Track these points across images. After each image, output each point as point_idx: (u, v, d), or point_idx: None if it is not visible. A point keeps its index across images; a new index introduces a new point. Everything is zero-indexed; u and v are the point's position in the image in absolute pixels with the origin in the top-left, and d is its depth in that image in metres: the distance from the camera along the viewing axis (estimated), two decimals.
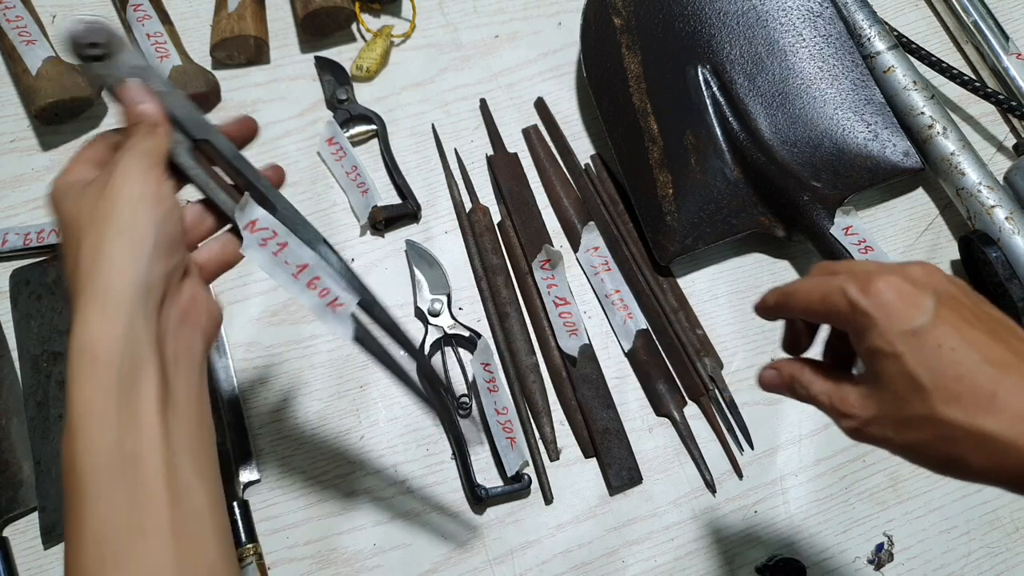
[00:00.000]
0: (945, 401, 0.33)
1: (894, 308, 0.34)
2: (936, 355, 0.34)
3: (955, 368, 0.33)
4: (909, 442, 0.35)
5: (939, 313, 0.34)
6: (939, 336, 0.34)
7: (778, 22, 0.71)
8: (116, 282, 0.35)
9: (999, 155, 0.72)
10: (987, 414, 0.32)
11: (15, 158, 0.68)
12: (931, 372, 0.34)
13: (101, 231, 0.36)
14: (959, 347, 0.33)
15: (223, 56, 0.71)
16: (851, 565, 0.57)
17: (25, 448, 0.58)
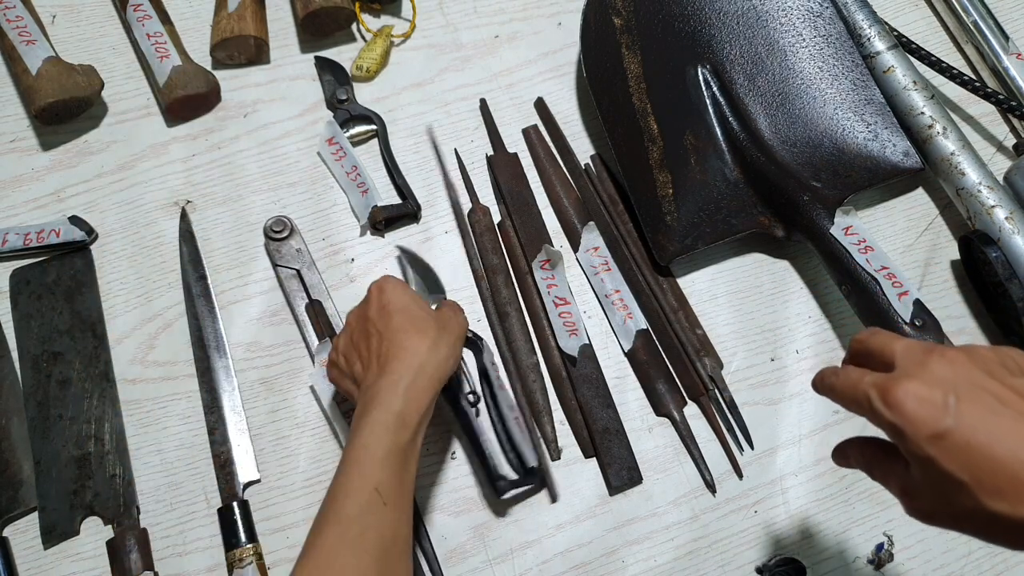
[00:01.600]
0: (989, 495, 0.34)
1: (916, 417, 0.35)
2: (967, 453, 0.34)
3: (989, 463, 0.33)
4: (968, 530, 0.36)
5: (961, 411, 0.34)
6: (966, 435, 0.34)
7: (778, 22, 0.71)
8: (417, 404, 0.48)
9: (999, 155, 0.72)
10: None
11: (15, 158, 0.68)
12: (967, 469, 0.34)
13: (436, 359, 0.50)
14: (988, 442, 0.34)
15: (223, 56, 0.72)
16: (851, 565, 0.57)
17: (25, 448, 0.58)
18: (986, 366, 0.37)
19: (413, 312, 0.50)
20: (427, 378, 0.48)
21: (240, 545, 0.55)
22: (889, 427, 0.36)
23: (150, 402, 0.60)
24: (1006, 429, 0.34)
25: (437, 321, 0.51)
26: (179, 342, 0.62)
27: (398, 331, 0.49)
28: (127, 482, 0.58)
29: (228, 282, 0.65)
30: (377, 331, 0.50)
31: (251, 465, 0.58)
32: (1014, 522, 0.33)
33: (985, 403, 0.35)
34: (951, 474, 0.34)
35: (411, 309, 0.50)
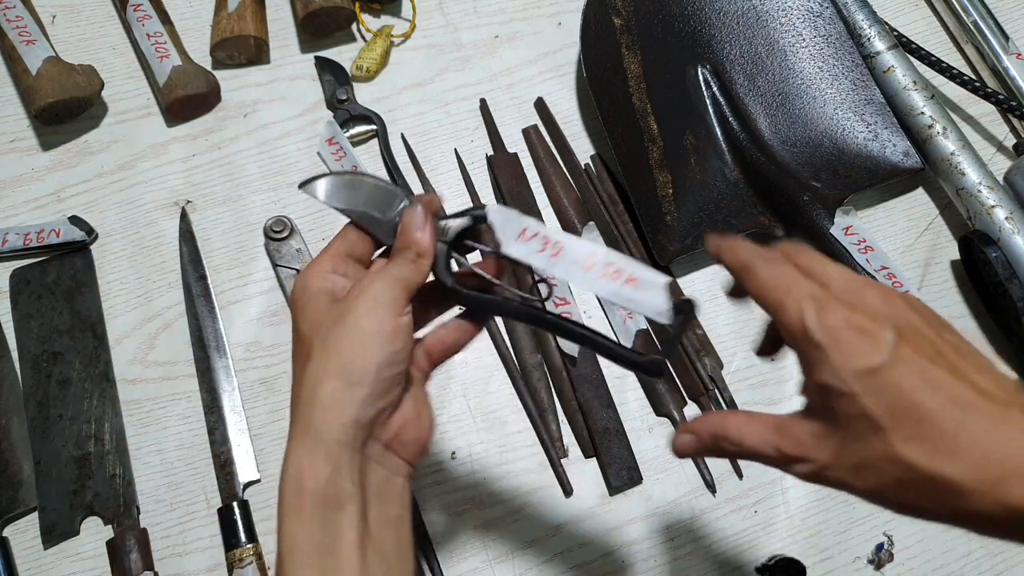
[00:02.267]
0: (905, 442, 0.31)
1: (849, 344, 0.32)
2: (896, 395, 0.31)
3: (916, 410, 0.31)
4: (871, 487, 0.33)
5: (898, 350, 0.32)
6: (898, 375, 0.31)
7: (778, 22, 0.71)
8: (329, 424, 0.36)
9: (999, 155, 0.72)
10: (949, 459, 0.30)
11: (15, 158, 0.68)
12: (890, 413, 0.31)
13: (326, 365, 0.37)
14: (920, 387, 0.31)
15: (223, 56, 0.72)
16: (851, 565, 0.57)
17: (25, 448, 0.58)
18: (923, 316, 0.34)
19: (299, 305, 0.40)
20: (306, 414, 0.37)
21: (240, 545, 0.55)
22: (814, 348, 0.33)
23: (150, 402, 0.60)
24: (938, 378, 0.31)
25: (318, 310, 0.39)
26: (179, 342, 0.62)
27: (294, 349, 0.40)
28: (127, 482, 0.58)
29: (228, 282, 0.65)
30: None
31: (251, 465, 0.58)
32: (924, 474, 0.30)
33: (922, 348, 0.32)
34: (870, 414, 0.31)
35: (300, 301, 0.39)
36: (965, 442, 0.30)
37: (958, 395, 0.31)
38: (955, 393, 0.31)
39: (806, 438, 0.34)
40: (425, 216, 0.40)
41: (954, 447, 0.30)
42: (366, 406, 0.36)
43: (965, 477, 0.30)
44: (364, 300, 0.38)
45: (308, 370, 0.37)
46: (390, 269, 0.39)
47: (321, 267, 0.40)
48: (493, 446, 0.60)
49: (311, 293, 0.39)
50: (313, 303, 0.39)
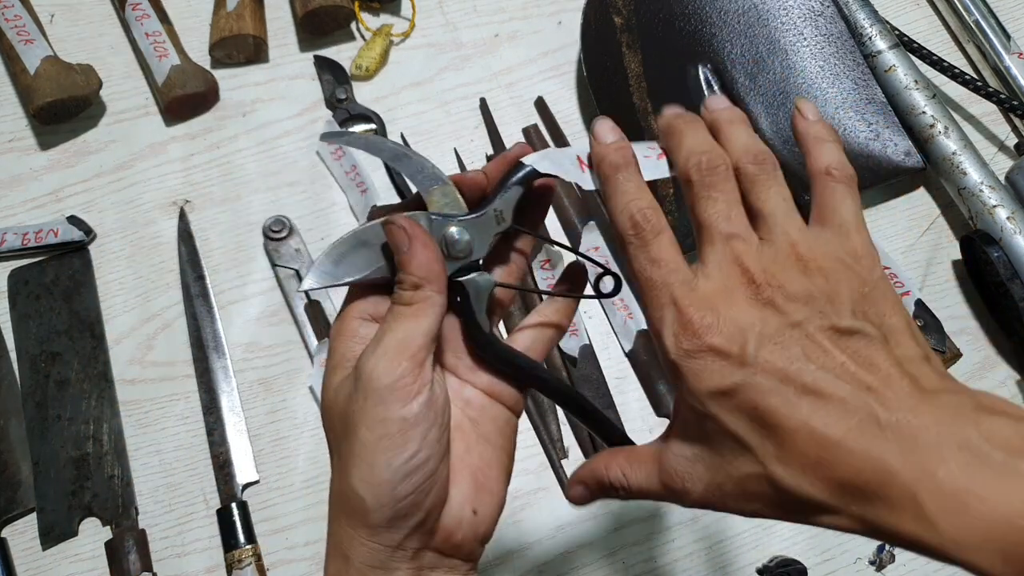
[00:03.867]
0: (773, 461, 0.28)
1: (701, 367, 0.29)
2: (754, 415, 0.29)
3: (777, 429, 0.28)
4: (749, 510, 0.30)
5: (758, 361, 0.29)
6: (754, 394, 0.28)
7: (779, 21, 0.71)
8: (356, 550, 0.31)
9: (1000, 155, 0.71)
10: (810, 477, 0.28)
11: (13, 158, 0.68)
12: (752, 431, 0.29)
13: (345, 485, 0.31)
14: (777, 405, 0.28)
15: (222, 55, 0.71)
16: (853, 566, 0.57)
17: (24, 449, 0.58)
18: (817, 302, 0.30)
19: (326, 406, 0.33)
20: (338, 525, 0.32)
21: (239, 546, 0.55)
22: (671, 368, 0.30)
23: (149, 403, 0.60)
24: (803, 390, 0.28)
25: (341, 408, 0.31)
26: (178, 342, 0.62)
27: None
28: (126, 483, 0.57)
29: (227, 282, 0.64)
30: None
31: (250, 466, 0.58)
32: (793, 495, 0.28)
33: (788, 353, 0.29)
34: (734, 433, 0.29)
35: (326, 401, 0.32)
36: (826, 457, 0.27)
37: (824, 401, 0.28)
38: (815, 406, 0.28)
39: (681, 466, 0.31)
40: (412, 230, 0.31)
41: (814, 462, 0.28)
42: (394, 530, 0.31)
43: (826, 496, 0.28)
44: (358, 401, 0.30)
45: (334, 481, 0.32)
46: (384, 332, 0.31)
47: (355, 312, 0.33)
48: None
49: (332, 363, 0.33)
50: (329, 380, 0.32)
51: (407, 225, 0.31)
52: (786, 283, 0.30)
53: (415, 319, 0.31)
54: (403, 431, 0.30)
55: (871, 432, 0.27)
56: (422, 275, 0.31)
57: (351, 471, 0.30)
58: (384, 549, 0.31)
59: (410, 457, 0.30)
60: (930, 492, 0.26)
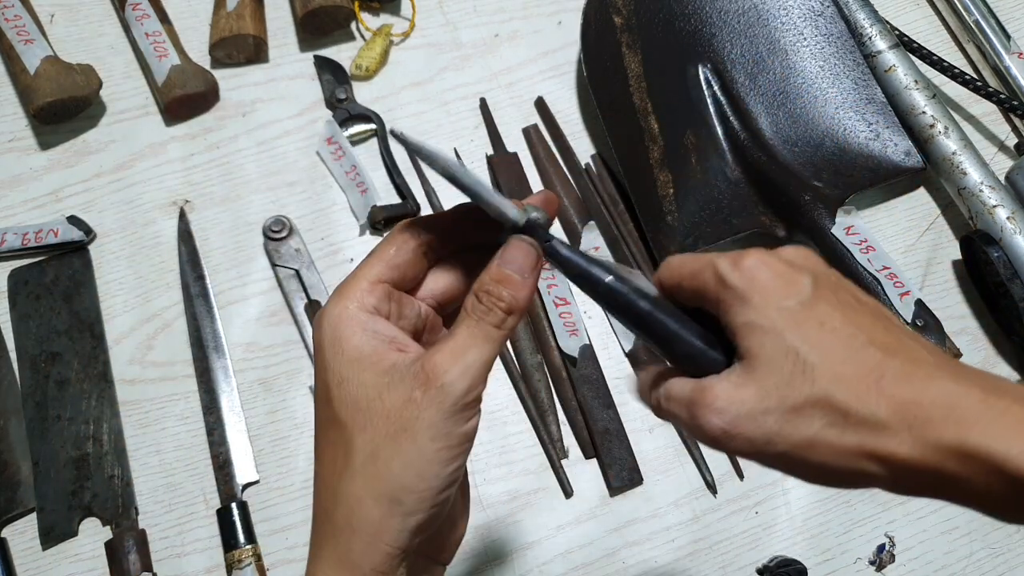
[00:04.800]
0: (832, 381, 0.29)
1: (768, 285, 0.30)
2: (819, 333, 0.29)
3: (841, 348, 0.29)
4: (795, 439, 0.29)
5: (817, 292, 0.30)
6: (820, 314, 0.30)
7: (779, 21, 0.71)
8: (371, 556, 0.30)
9: (1000, 155, 0.71)
10: (876, 398, 0.28)
11: (13, 158, 0.68)
12: (816, 349, 0.29)
13: (373, 487, 0.30)
14: (842, 327, 0.29)
15: (222, 55, 0.71)
16: (852, 566, 0.57)
17: (23, 449, 0.58)
18: (837, 274, 0.33)
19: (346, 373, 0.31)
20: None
21: (239, 546, 0.55)
22: (731, 294, 0.30)
23: (148, 403, 0.60)
24: (859, 322, 0.30)
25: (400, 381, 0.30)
26: (178, 342, 0.62)
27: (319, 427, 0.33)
28: (125, 483, 0.57)
29: (227, 282, 0.64)
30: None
31: (250, 466, 0.58)
32: (850, 416, 0.28)
33: (840, 296, 0.31)
34: (798, 351, 0.29)
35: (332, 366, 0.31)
36: (890, 381, 0.29)
37: (879, 338, 0.30)
38: (878, 334, 0.30)
39: (722, 391, 0.30)
40: (536, 257, 0.32)
41: (880, 386, 0.28)
42: (416, 535, 0.30)
43: (893, 418, 0.28)
44: (428, 410, 0.29)
45: (348, 484, 0.30)
46: (468, 347, 0.30)
47: (356, 304, 0.31)
48: (493, 446, 0.60)
49: (349, 356, 0.31)
50: (355, 375, 0.30)
51: (538, 256, 0.32)
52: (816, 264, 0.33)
53: (499, 343, 0.31)
54: (460, 444, 0.30)
55: (927, 364, 0.29)
56: (523, 307, 0.31)
57: (394, 475, 0.30)
58: (399, 554, 0.30)
59: (457, 469, 0.31)
60: (998, 411, 0.27)
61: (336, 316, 0.31)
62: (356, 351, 0.31)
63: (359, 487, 0.30)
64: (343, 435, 0.31)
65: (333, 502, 0.31)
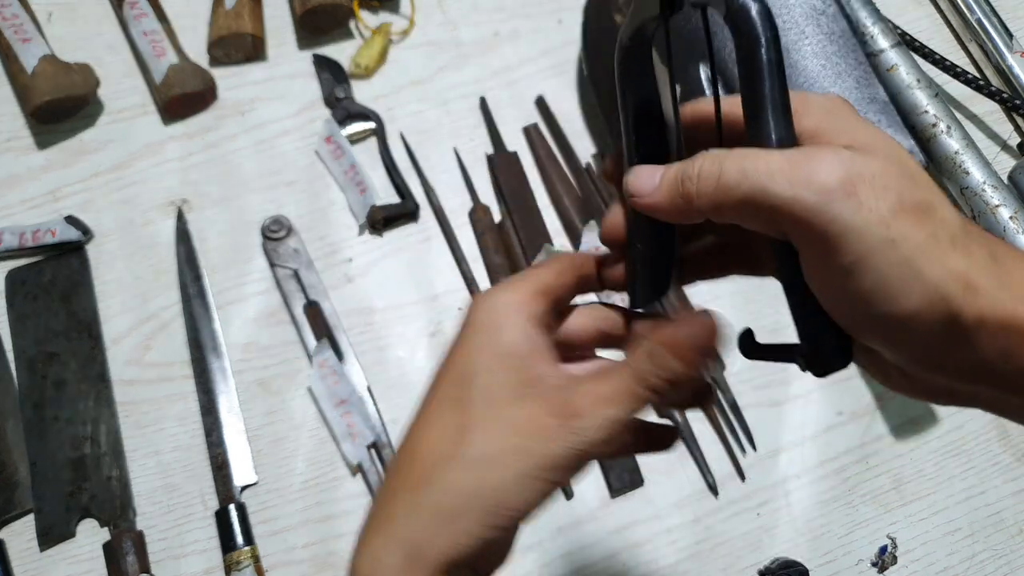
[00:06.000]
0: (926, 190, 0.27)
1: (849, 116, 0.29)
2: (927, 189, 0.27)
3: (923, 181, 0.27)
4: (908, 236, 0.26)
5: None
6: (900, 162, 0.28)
7: (781, 20, 0.71)
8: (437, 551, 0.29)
9: (1003, 154, 0.71)
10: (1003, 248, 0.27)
11: (11, 157, 0.68)
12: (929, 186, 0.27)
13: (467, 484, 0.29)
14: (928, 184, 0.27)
15: (220, 54, 0.71)
16: (854, 568, 0.57)
17: (21, 450, 0.58)
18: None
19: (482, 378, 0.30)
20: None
21: (237, 548, 0.55)
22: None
23: (146, 403, 0.60)
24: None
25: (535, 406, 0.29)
26: (175, 343, 0.62)
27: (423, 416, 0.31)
28: (123, 484, 0.57)
29: (225, 282, 0.64)
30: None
31: (248, 467, 0.58)
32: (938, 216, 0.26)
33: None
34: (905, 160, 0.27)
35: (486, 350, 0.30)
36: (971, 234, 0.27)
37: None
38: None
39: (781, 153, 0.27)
40: (715, 337, 0.31)
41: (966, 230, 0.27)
42: (484, 550, 0.30)
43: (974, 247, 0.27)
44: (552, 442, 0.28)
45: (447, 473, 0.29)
46: (620, 400, 0.29)
47: (524, 301, 0.31)
48: None
49: (501, 348, 0.30)
50: (499, 368, 0.30)
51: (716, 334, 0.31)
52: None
53: (643, 407, 0.30)
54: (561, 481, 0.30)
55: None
56: (687, 380, 0.30)
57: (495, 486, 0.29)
58: (453, 562, 0.29)
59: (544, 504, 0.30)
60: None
61: (504, 304, 0.30)
62: (511, 346, 0.30)
63: (460, 480, 0.29)
64: (461, 420, 0.29)
65: (425, 484, 0.29)
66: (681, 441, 0.60)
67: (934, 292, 0.26)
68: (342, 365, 0.60)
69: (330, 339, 0.61)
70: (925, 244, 0.26)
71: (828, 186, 0.26)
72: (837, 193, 0.25)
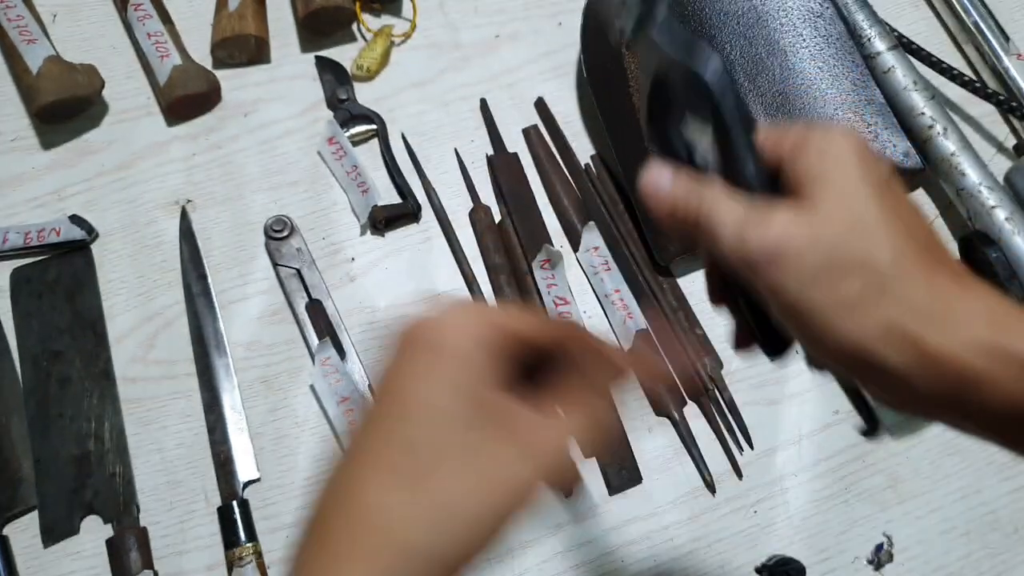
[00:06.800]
0: (888, 250, 0.29)
1: (849, 153, 0.31)
2: (885, 206, 0.30)
3: (902, 227, 0.29)
4: (829, 294, 0.29)
5: (892, 182, 0.31)
6: (892, 196, 0.30)
7: (778, 22, 0.71)
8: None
9: (999, 156, 0.72)
10: (923, 282, 0.28)
11: (16, 157, 0.68)
12: (879, 219, 0.29)
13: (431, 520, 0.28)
14: (908, 215, 0.30)
15: (224, 55, 0.72)
16: (851, 565, 0.57)
17: (25, 447, 0.58)
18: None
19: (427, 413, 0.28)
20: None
21: (240, 544, 0.55)
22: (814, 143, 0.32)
23: (150, 401, 0.60)
24: (924, 226, 0.31)
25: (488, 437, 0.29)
26: (179, 341, 0.62)
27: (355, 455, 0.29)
28: (127, 481, 0.58)
29: (228, 281, 0.65)
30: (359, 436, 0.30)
31: (251, 464, 0.58)
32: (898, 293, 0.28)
33: (909, 202, 0.32)
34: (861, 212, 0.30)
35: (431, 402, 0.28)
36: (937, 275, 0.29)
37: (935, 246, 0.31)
38: (932, 243, 0.31)
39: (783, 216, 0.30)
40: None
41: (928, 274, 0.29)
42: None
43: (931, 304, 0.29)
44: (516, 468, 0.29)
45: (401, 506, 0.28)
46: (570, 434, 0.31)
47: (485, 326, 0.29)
48: None
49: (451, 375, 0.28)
50: (449, 403, 0.28)
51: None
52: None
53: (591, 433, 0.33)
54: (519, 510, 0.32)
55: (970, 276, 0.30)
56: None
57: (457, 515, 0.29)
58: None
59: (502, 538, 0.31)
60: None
61: (460, 323, 0.29)
62: (460, 369, 0.28)
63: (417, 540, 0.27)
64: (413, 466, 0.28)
65: (379, 516, 0.27)
66: (679, 440, 0.60)
67: (853, 346, 0.29)
68: (344, 363, 0.60)
69: (332, 338, 0.61)
70: (839, 306, 0.29)
71: (759, 253, 0.30)
72: (763, 262, 0.30)
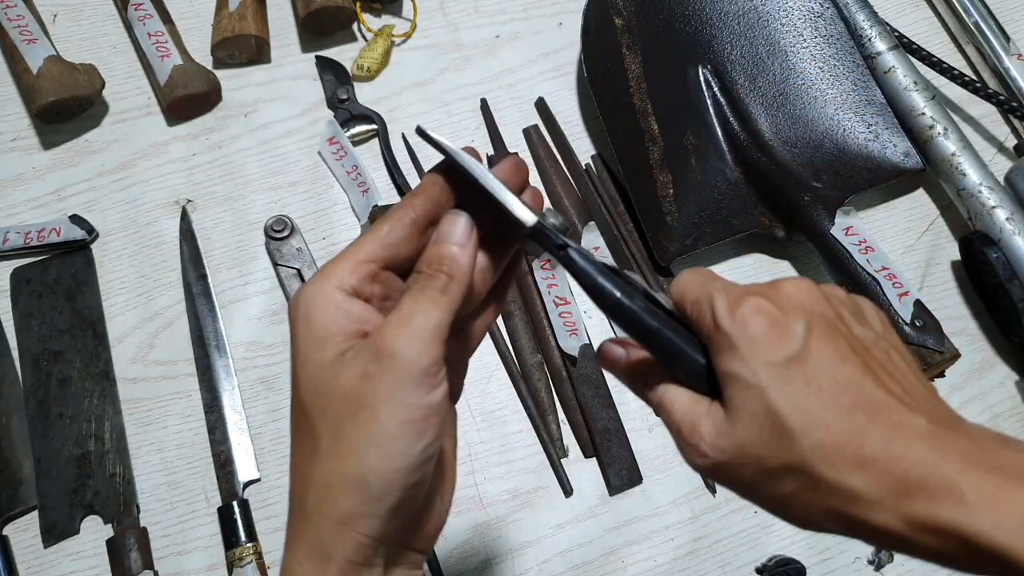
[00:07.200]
0: (811, 450, 0.28)
1: (759, 336, 0.29)
2: (803, 394, 0.29)
3: (823, 411, 0.28)
4: (769, 495, 0.30)
5: (810, 343, 0.29)
6: (808, 370, 0.29)
7: (779, 22, 0.71)
8: (344, 545, 0.29)
9: (1000, 156, 0.72)
10: (853, 468, 0.28)
11: (16, 157, 0.68)
12: (799, 413, 0.29)
13: (340, 470, 0.29)
14: (829, 386, 0.29)
15: (224, 55, 0.72)
16: (851, 566, 0.57)
17: (25, 447, 0.58)
18: (837, 307, 0.31)
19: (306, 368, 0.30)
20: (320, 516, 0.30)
21: (240, 544, 0.55)
22: (723, 338, 0.30)
23: (150, 401, 0.60)
24: (848, 378, 0.29)
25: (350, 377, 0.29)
26: (179, 341, 0.62)
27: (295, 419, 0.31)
28: (127, 481, 0.58)
29: (228, 281, 0.65)
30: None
31: (251, 464, 0.58)
32: (828, 485, 0.28)
33: (835, 343, 0.30)
34: (779, 413, 0.29)
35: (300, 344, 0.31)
36: (869, 450, 0.28)
37: (867, 396, 0.29)
38: (865, 393, 0.29)
39: (706, 430, 0.31)
40: (470, 229, 0.32)
41: (859, 455, 0.28)
42: (389, 521, 0.30)
43: (869, 488, 0.28)
44: (383, 381, 0.28)
45: (316, 469, 0.29)
46: (413, 313, 0.29)
47: (335, 283, 0.30)
48: (493, 446, 0.60)
49: (315, 335, 0.30)
50: (316, 354, 0.30)
51: (471, 227, 0.32)
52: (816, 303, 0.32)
53: (446, 308, 0.30)
54: (426, 418, 0.29)
55: (909, 429, 0.28)
56: (464, 271, 0.31)
57: (358, 456, 0.29)
58: (372, 543, 0.30)
59: (427, 446, 0.29)
60: (972, 481, 0.27)
61: (311, 294, 0.30)
62: (322, 331, 0.30)
63: (326, 471, 0.29)
64: (308, 419, 0.30)
65: (304, 489, 0.30)
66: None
67: (814, 526, 0.30)
68: None
69: None
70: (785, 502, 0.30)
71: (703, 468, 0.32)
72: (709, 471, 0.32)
